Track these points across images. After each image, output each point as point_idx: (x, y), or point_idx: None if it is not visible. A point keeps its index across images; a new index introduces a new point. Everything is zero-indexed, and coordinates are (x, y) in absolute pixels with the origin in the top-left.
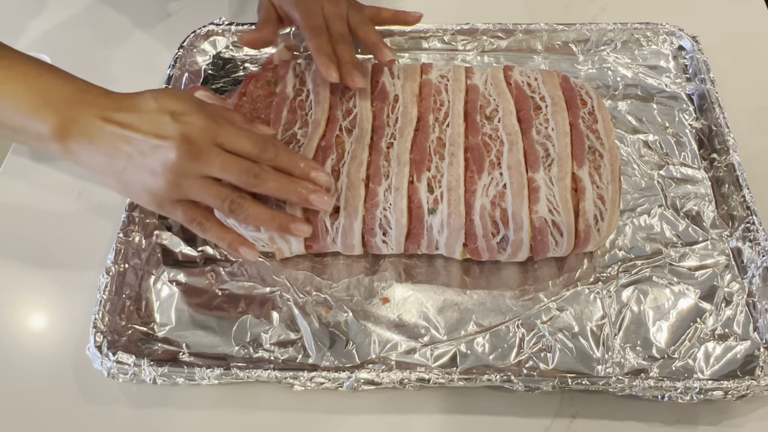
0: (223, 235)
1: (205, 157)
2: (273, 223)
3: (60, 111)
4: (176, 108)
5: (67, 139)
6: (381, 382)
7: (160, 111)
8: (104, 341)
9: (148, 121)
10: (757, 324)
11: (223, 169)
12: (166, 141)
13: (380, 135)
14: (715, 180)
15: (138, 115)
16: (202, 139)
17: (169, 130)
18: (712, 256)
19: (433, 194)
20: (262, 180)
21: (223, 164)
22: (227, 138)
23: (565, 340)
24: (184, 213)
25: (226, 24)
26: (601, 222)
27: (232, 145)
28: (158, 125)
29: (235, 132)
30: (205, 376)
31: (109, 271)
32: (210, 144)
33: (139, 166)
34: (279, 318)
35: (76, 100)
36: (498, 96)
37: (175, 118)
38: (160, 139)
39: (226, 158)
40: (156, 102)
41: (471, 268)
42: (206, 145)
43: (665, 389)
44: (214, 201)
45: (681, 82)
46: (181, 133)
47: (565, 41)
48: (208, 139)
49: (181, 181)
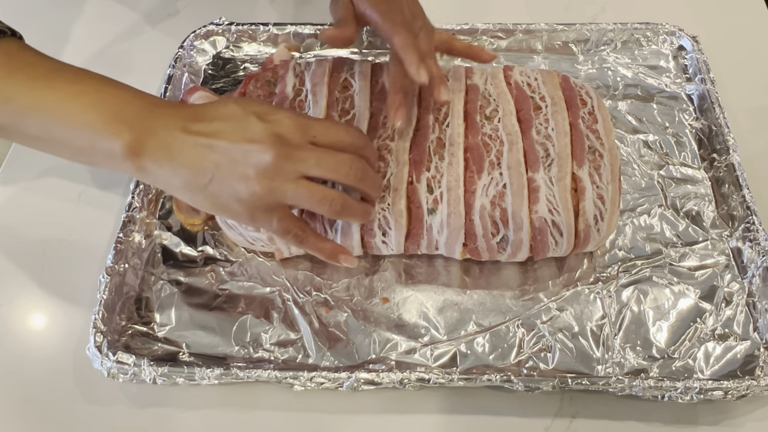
0: (322, 245)
1: (300, 154)
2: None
3: (134, 126)
4: (259, 109)
5: (142, 155)
6: (381, 382)
7: (244, 115)
8: (104, 341)
9: (234, 126)
10: (757, 324)
11: (320, 165)
12: (257, 144)
13: (373, 136)
14: (715, 180)
15: (221, 122)
16: (294, 136)
17: (258, 131)
18: (712, 256)
19: (432, 194)
20: (362, 171)
21: (320, 160)
22: (320, 131)
23: (565, 340)
24: (280, 223)
25: (226, 24)
26: (601, 222)
27: (325, 138)
28: (246, 129)
29: (325, 124)
30: (205, 376)
31: (109, 271)
32: (303, 141)
33: (230, 175)
34: (279, 318)
35: (150, 114)
36: (498, 96)
37: (262, 118)
38: (250, 143)
39: (322, 153)
40: (238, 106)
41: (471, 268)
42: (300, 143)
43: (665, 389)
44: (312, 202)
45: (681, 82)
46: (273, 133)
47: (565, 41)
48: (301, 136)
49: (277, 185)
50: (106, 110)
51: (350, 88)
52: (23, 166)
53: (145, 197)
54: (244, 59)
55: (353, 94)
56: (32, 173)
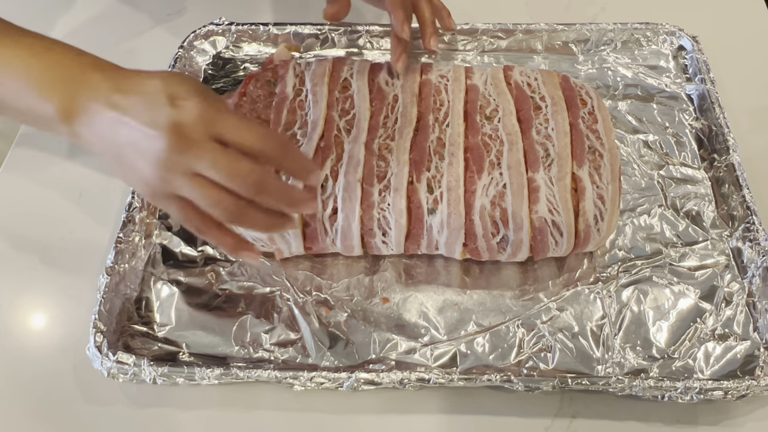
0: (223, 238)
1: (195, 151)
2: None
3: (65, 92)
4: (177, 91)
5: (73, 121)
6: (381, 382)
7: (158, 94)
8: (104, 341)
9: (145, 105)
10: (757, 324)
11: (214, 167)
12: (155, 130)
13: (373, 136)
14: (715, 180)
15: (137, 97)
16: (197, 128)
17: (161, 116)
18: (712, 256)
19: (432, 194)
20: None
21: (215, 162)
22: (227, 129)
23: (565, 340)
24: (179, 212)
25: (226, 24)
26: (601, 222)
27: (234, 138)
28: (152, 111)
29: (237, 122)
30: (205, 376)
31: (109, 271)
32: (204, 135)
33: (134, 154)
34: (279, 318)
35: (81, 79)
36: (498, 96)
37: (172, 101)
38: (150, 127)
39: (220, 155)
40: (162, 82)
41: (471, 268)
42: (199, 137)
43: (665, 389)
44: (205, 203)
45: (681, 82)
46: (174, 121)
47: (565, 41)
48: (205, 130)
49: (170, 177)
50: (42, 74)
51: (350, 88)
52: (24, 165)
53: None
54: (244, 59)
55: (353, 94)
56: (33, 173)
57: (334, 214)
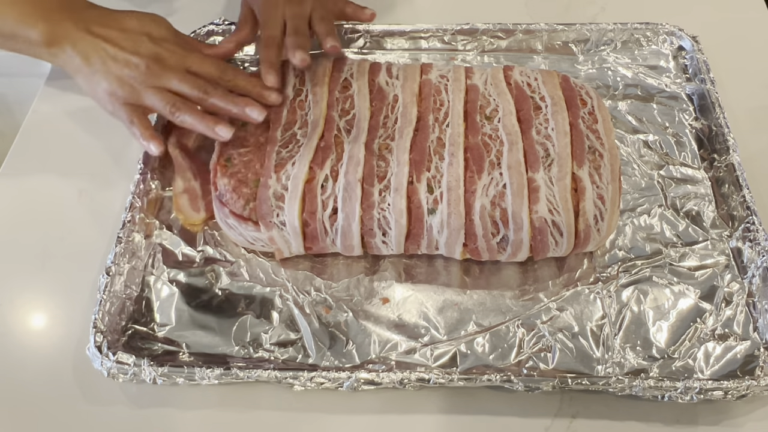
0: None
1: (168, 73)
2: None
3: (49, 20)
4: (155, 32)
5: (54, 45)
6: (381, 382)
7: (139, 31)
8: (104, 341)
9: (129, 38)
10: (757, 324)
11: (180, 82)
12: (138, 58)
13: (373, 136)
14: (715, 180)
15: (118, 32)
16: (171, 59)
17: (145, 48)
18: (712, 256)
19: (432, 194)
20: (210, 94)
21: (181, 79)
22: (194, 62)
23: (565, 340)
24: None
25: (227, 24)
26: (601, 222)
27: (197, 68)
28: (135, 42)
29: (201, 58)
30: (205, 376)
31: (109, 271)
32: (177, 65)
33: (109, 71)
34: (279, 318)
35: (63, 9)
36: (498, 96)
37: (153, 40)
38: (134, 54)
39: (185, 76)
40: (138, 22)
41: (471, 268)
42: (174, 65)
43: (665, 389)
44: (159, 104)
45: (681, 82)
46: (155, 52)
47: (565, 41)
48: (177, 62)
49: (139, 89)
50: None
51: (350, 88)
52: (24, 165)
53: (145, 197)
54: (244, 59)
55: (353, 94)
56: (32, 173)
57: (334, 214)
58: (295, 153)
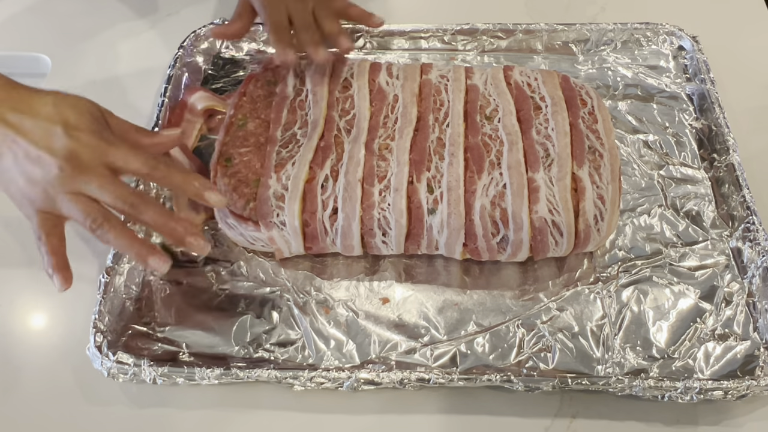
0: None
1: (86, 176)
2: (132, 251)
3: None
4: (72, 120)
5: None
6: (381, 382)
7: (54, 120)
8: (104, 341)
9: (40, 130)
10: (757, 324)
11: (101, 190)
12: (50, 156)
13: (373, 136)
14: (715, 180)
15: (31, 120)
16: (89, 157)
17: (57, 144)
18: (712, 256)
19: (432, 194)
20: (139, 211)
21: (102, 185)
22: (117, 158)
23: (565, 340)
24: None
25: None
26: (601, 222)
27: (121, 165)
28: (48, 137)
29: (125, 152)
30: (205, 376)
31: (109, 271)
32: (97, 163)
33: (21, 171)
34: (279, 318)
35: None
36: (498, 96)
37: (68, 131)
38: (45, 152)
39: (106, 181)
40: (54, 108)
41: (471, 268)
42: (92, 164)
43: (665, 389)
44: (77, 216)
45: (681, 82)
46: (69, 150)
47: (565, 41)
48: (96, 159)
49: (53, 195)
50: None
51: (350, 88)
52: None
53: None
54: (244, 59)
55: (353, 94)
56: None
57: (334, 214)
58: (295, 153)
